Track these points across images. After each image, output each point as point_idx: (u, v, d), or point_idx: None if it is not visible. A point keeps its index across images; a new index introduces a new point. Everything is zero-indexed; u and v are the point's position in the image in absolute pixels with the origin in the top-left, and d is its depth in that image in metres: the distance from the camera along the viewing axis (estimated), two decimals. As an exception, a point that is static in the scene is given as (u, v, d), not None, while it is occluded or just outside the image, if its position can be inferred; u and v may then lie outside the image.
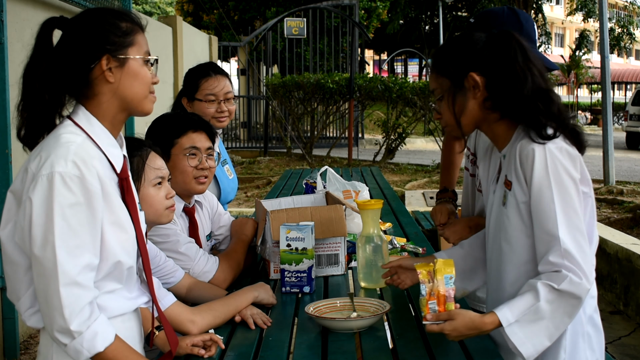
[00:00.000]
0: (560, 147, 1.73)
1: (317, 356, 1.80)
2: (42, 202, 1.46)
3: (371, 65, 32.21)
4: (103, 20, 1.57)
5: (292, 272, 2.30)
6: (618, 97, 37.18)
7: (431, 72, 1.91)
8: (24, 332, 4.22)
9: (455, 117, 1.83)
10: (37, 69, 1.55)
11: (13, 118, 1.61)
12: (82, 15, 1.61)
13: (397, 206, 4.09)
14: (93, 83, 1.56)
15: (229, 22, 15.06)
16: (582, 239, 1.70)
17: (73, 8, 4.93)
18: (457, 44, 1.86)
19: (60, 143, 1.51)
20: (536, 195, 1.72)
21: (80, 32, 1.56)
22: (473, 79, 1.79)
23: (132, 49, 1.59)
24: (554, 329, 1.70)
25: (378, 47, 31.80)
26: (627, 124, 19.34)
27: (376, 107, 14.38)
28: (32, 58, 1.56)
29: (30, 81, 1.55)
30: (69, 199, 1.46)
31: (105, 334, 1.50)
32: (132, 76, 1.59)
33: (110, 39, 1.56)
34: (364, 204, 2.37)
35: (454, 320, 1.71)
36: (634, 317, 5.19)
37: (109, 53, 1.55)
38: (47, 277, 1.46)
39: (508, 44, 1.79)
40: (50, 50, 1.56)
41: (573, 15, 27.27)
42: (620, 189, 9.30)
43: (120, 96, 1.59)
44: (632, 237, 6.07)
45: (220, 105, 2.88)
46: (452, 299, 1.76)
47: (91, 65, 1.55)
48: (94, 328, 1.48)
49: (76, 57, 1.55)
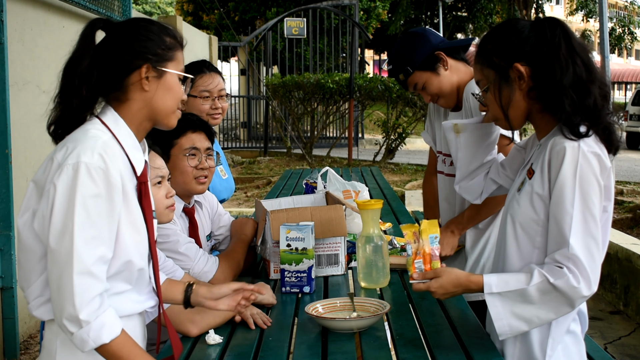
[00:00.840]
0: (594, 152, 1.68)
1: (317, 356, 1.80)
2: (65, 190, 1.48)
3: (371, 65, 32.20)
4: (149, 30, 1.62)
5: (292, 272, 2.30)
6: (618, 97, 37.17)
7: (475, 63, 1.86)
8: (24, 332, 4.22)
9: (502, 110, 1.80)
10: (78, 66, 1.58)
11: (14, 119, 1.62)
12: (130, 22, 1.66)
13: (397, 206, 4.09)
14: (128, 88, 1.61)
15: (229, 22, 15.07)
16: (594, 247, 1.67)
17: (73, 8, 4.93)
18: (501, 33, 1.81)
19: (88, 136, 1.55)
20: (558, 193, 1.69)
21: (126, 37, 1.61)
22: (517, 69, 1.75)
23: (171, 64, 1.65)
24: (535, 318, 1.70)
25: (378, 47, 31.78)
26: (627, 124, 19.34)
27: (376, 107, 14.37)
28: (74, 55, 1.59)
29: (70, 77, 1.58)
30: (92, 189, 1.49)
31: (112, 327, 1.51)
32: (167, 89, 1.63)
33: (153, 50, 1.61)
34: (364, 204, 2.37)
35: (440, 278, 1.77)
36: (634, 317, 5.20)
37: (150, 63, 1.60)
38: (62, 263, 1.47)
39: (552, 31, 1.74)
40: (92, 50, 1.59)
41: (573, 15, 27.26)
42: (620, 189, 9.30)
43: (151, 106, 1.63)
44: (632, 237, 6.07)
45: (215, 102, 2.91)
46: (438, 258, 1.82)
47: (131, 71, 1.59)
48: (102, 319, 1.49)
49: (118, 60, 1.59)
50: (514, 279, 1.71)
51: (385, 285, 2.38)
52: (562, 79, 1.70)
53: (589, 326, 2.02)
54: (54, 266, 1.49)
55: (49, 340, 1.59)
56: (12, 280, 3.86)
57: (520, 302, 1.70)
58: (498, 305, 1.72)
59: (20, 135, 4.05)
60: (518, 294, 1.70)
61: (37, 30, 4.43)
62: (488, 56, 1.81)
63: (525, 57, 1.75)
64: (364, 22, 17.13)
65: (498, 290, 1.71)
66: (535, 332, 1.81)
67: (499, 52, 1.78)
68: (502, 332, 1.74)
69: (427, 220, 1.90)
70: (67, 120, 1.59)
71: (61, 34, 4.80)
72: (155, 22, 1.66)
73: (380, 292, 2.35)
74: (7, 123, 3.72)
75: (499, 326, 1.73)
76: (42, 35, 4.50)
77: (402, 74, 2.57)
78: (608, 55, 9.73)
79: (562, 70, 1.70)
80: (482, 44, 1.85)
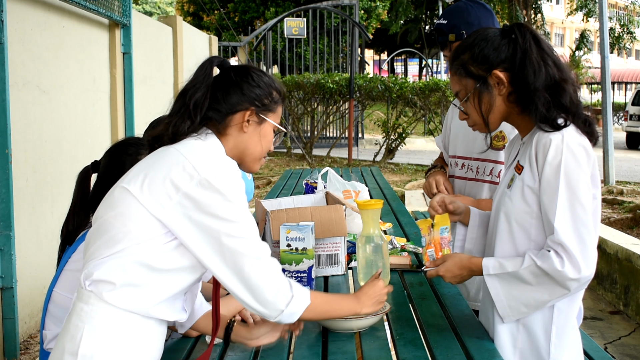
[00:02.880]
0: (578, 142, 1.74)
1: (317, 356, 1.81)
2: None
3: (371, 65, 32.23)
4: (261, 79, 1.75)
5: (292, 272, 2.31)
6: (618, 97, 37.17)
7: (452, 75, 1.91)
8: (24, 332, 4.22)
9: (482, 116, 1.86)
10: (195, 93, 1.67)
11: (14, 119, 1.63)
12: (245, 67, 1.77)
13: (397, 206, 4.09)
14: (229, 125, 1.70)
15: (229, 23, 15.07)
16: (584, 232, 1.71)
17: (73, 8, 4.93)
18: (474, 43, 1.86)
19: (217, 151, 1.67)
20: (545, 183, 1.74)
21: (240, 79, 1.72)
22: (497, 76, 1.81)
23: (272, 115, 1.76)
24: (532, 300, 1.78)
25: (378, 47, 31.82)
26: (627, 124, 19.34)
27: (376, 107, 14.38)
28: (193, 83, 1.70)
29: (186, 102, 1.68)
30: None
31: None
32: (262, 136, 1.75)
33: (262, 99, 1.72)
34: (364, 204, 2.37)
35: (446, 262, 1.92)
36: (634, 317, 5.20)
37: (256, 108, 1.71)
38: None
39: (523, 36, 1.80)
40: (209, 82, 1.70)
41: (573, 15, 27.25)
42: (620, 189, 9.30)
43: (243, 147, 1.73)
44: (632, 237, 6.07)
45: None
46: (447, 246, 2.00)
47: (237, 111, 1.70)
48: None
49: (227, 96, 1.70)
50: (509, 262, 1.80)
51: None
52: (535, 82, 1.77)
53: (589, 326, 2.03)
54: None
55: (75, 326, 1.57)
56: (12, 280, 3.86)
57: (517, 284, 1.78)
58: (497, 286, 1.81)
59: (20, 135, 4.05)
60: (512, 275, 1.78)
61: (37, 30, 4.43)
62: (465, 66, 1.86)
63: (502, 63, 1.81)
64: (364, 22, 17.14)
65: (495, 272, 1.81)
66: (538, 320, 1.84)
67: (476, 61, 1.84)
68: (503, 313, 1.82)
69: (439, 215, 2.05)
70: (171, 138, 1.66)
71: (61, 34, 4.80)
72: (270, 76, 1.78)
73: (380, 292, 2.35)
74: (7, 123, 3.71)
75: (500, 307, 1.82)
76: (42, 35, 4.49)
77: (455, 35, 2.47)
78: (608, 55, 9.75)
79: (535, 73, 1.77)
80: (456, 56, 1.89)
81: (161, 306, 1.61)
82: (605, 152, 9.59)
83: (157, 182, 1.55)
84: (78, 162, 4.33)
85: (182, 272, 1.60)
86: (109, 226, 1.58)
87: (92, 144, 5.23)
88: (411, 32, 27.61)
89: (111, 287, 1.54)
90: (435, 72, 30.12)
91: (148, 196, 1.55)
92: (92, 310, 1.56)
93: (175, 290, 1.62)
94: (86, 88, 5.29)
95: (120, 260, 1.55)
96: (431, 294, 2.32)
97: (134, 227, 1.55)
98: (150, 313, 1.59)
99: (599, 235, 5.99)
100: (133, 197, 1.56)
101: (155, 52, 7.37)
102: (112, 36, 5.79)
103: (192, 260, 1.60)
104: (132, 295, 1.56)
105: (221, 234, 1.54)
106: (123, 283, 1.55)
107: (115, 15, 5.63)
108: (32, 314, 4.30)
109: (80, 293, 1.58)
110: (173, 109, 1.70)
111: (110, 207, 1.60)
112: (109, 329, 1.56)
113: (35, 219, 4.36)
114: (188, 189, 1.53)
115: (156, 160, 1.60)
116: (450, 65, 1.92)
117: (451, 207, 2.12)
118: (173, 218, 1.54)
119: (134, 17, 6.09)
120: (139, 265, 1.55)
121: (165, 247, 1.56)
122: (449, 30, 2.49)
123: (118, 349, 1.56)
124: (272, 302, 1.59)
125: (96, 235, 1.60)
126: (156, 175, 1.56)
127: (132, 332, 1.58)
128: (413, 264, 2.64)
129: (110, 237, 1.57)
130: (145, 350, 1.62)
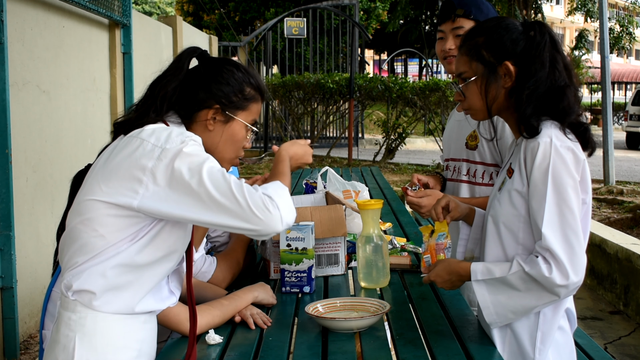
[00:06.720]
0: (567, 146, 1.71)
1: (317, 356, 1.80)
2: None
3: (371, 65, 32.22)
4: (232, 75, 1.68)
5: (292, 272, 2.30)
6: (618, 97, 37.17)
7: (462, 55, 1.86)
8: (24, 332, 4.22)
9: (487, 103, 1.82)
10: (166, 85, 1.64)
11: (14, 119, 1.63)
12: (218, 62, 1.71)
13: (397, 206, 4.09)
14: (194, 120, 1.67)
15: (229, 23, 15.07)
16: (573, 237, 1.68)
17: (73, 8, 4.93)
18: (493, 29, 1.82)
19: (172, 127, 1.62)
20: (533, 188, 1.73)
21: (209, 74, 1.67)
22: (507, 67, 1.78)
23: (242, 113, 1.70)
24: (520, 306, 1.75)
25: (378, 47, 31.79)
26: (627, 124, 19.33)
27: (376, 107, 14.38)
28: (165, 74, 1.66)
29: (155, 93, 1.65)
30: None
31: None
32: (229, 136, 1.69)
33: (229, 96, 1.67)
34: (364, 204, 2.37)
35: (436, 267, 1.91)
36: (634, 317, 5.20)
37: (221, 106, 1.65)
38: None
39: (542, 35, 1.77)
40: (181, 75, 1.66)
41: (573, 15, 27.24)
42: (620, 189, 9.30)
43: (210, 145, 1.67)
44: (632, 237, 6.07)
45: None
46: (442, 252, 1.99)
47: (201, 108, 1.65)
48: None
49: (195, 92, 1.65)
50: (497, 267, 1.78)
51: (385, 285, 2.38)
52: (537, 84, 1.74)
53: (589, 326, 2.03)
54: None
55: (66, 336, 1.57)
56: (12, 280, 3.86)
57: (505, 290, 1.76)
58: (485, 293, 1.79)
59: (20, 135, 4.05)
60: (500, 281, 1.76)
61: (37, 30, 4.43)
62: (478, 50, 1.82)
63: (515, 56, 1.78)
64: (364, 23, 17.14)
65: (482, 278, 1.78)
66: (524, 325, 1.83)
67: (491, 47, 1.80)
68: (490, 320, 1.80)
69: (438, 222, 2.02)
70: (135, 124, 1.62)
71: (61, 34, 4.80)
72: (244, 69, 1.71)
73: (380, 292, 2.35)
74: (7, 123, 3.71)
75: (487, 314, 1.79)
76: (42, 35, 4.49)
77: (463, 10, 2.38)
78: (608, 55, 9.74)
79: (540, 75, 1.75)
80: (471, 37, 1.85)
81: (147, 300, 1.62)
82: (605, 152, 9.59)
83: (120, 174, 1.52)
84: (78, 162, 4.32)
85: (159, 263, 1.61)
86: (79, 233, 1.56)
87: (92, 144, 5.23)
88: (411, 32, 27.60)
89: (94, 296, 1.55)
90: (435, 72, 30.12)
91: (114, 192, 1.52)
92: (80, 318, 1.56)
93: (156, 281, 1.63)
94: (86, 88, 5.29)
95: (97, 267, 1.55)
96: (431, 294, 2.32)
97: (105, 230, 1.54)
98: (138, 309, 1.60)
99: (599, 235, 6.00)
100: (97, 201, 1.54)
101: (155, 52, 7.36)
102: (112, 36, 5.79)
103: (167, 249, 1.60)
104: (116, 297, 1.56)
105: (201, 193, 1.49)
106: (105, 289, 1.55)
107: (115, 15, 5.63)
108: (32, 314, 4.30)
109: (65, 302, 1.58)
110: (142, 98, 1.66)
111: (77, 213, 1.58)
112: (101, 334, 1.56)
113: (35, 219, 4.36)
114: (154, 166, 1.50)
115: (113, 156, 1.57)
116: (462, 44, 1.87)
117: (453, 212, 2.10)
118: (150, 199, 1.51)
119: (134, 17, 6.09)
120: (117, 267, 1.55)
121: (139, 243, 1.56)
122: (459, 4, 2.41)
123: (112, 352, 1.56)
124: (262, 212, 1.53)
125: (68, 243, 1.59)
126: (116, 168, 1.53)
127: (123, 332, 1.58)
128: (413, 264, 2.64)
129: (82, 244, 1.56)
130: (140, 347, 1.62)
